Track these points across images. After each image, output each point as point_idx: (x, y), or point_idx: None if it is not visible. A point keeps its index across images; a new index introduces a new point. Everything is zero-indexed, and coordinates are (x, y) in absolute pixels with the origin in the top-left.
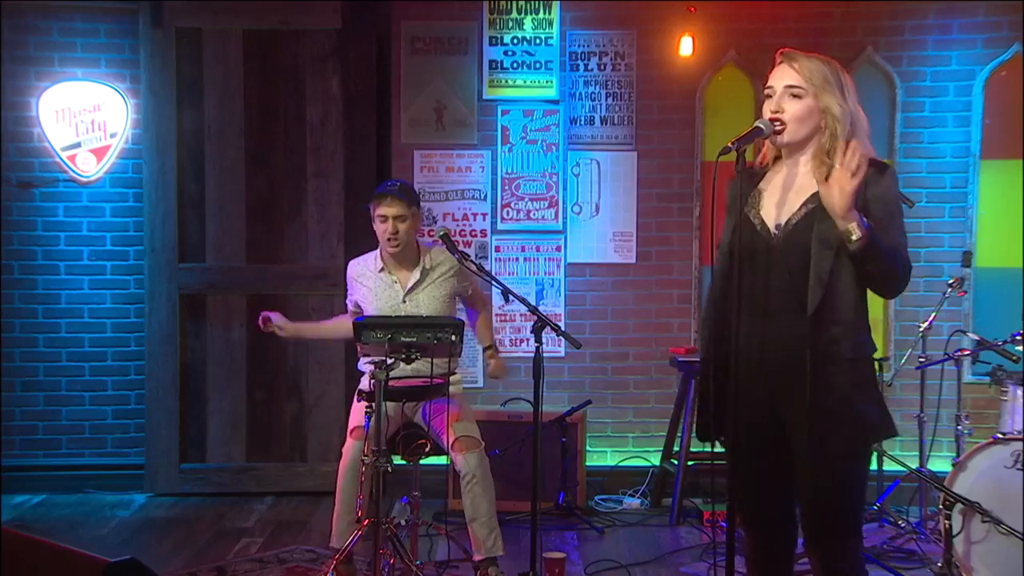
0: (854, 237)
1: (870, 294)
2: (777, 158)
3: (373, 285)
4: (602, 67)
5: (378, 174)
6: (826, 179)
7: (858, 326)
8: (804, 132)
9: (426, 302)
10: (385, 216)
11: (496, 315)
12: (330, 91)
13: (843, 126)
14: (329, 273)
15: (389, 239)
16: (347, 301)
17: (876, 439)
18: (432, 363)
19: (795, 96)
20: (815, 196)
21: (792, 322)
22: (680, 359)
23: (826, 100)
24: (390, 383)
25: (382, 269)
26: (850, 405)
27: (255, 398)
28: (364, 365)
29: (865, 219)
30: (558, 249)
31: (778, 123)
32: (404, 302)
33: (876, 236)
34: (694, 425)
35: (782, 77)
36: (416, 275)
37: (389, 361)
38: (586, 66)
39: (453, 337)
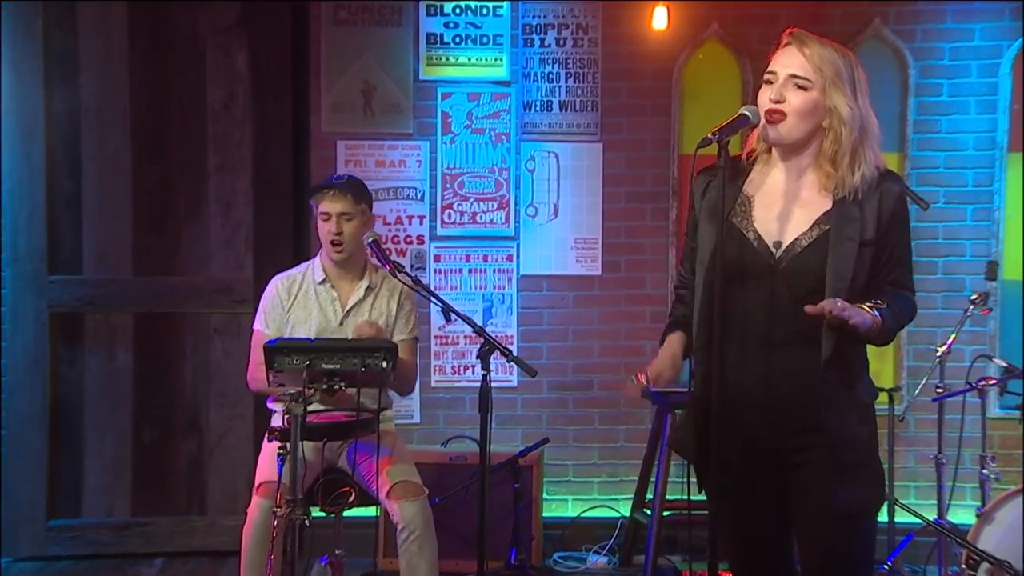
0: (873, 333)
1: None
2: (765, 153)
3: (308, 303)
4: (561, 42)
5: (295, 168)
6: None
7: (866, 364)
8: (804, 130)
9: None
10: (328, 214)
11: (435, 337)
12: (235, 68)
13: (850, 131)
14: (235, 287)
15: (332, 241)
16: (259, 328)
17: (884, 497)
18: (359, 395)
19: (800, 87)
20: (828, 216)
21: (802, 357)
22: (654, 389)
23: (835, 98)
24: (308, 419)
25: (323, 281)
26: (871, 458)
27: (143, 438)
28: (273, 404)
29: (878, 310)
30: (509, 259)
31: (776, 114)
32: (342, 324)
33: (889, 320)
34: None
35: (788, 63)
36: (359, 292)
37: (308, 393)
38: (542, 41)
39: (384, 364)
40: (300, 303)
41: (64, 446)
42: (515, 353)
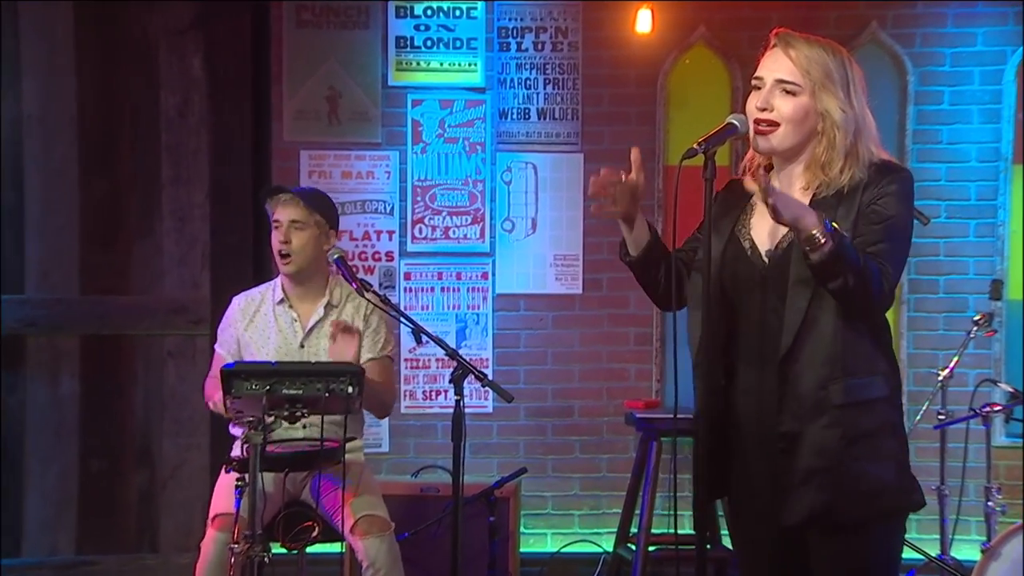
0: (811, 245)
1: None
2: (770, 166)
3: (267, 324)
4: (539, 46)
5: (255, 179)
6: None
7: (854, 366)
8: (797, 138)
9: (329, 349)
10: (279, 221)
11: (406, 360)
12: (191, 73)
13: (844, 135)
14: (191, 307)
15: (280, 252)
16: (218, 349)
17: (895, 509)
18: (323, 422)
19: (788, 92)
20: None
21: (805, 366)
22: (639, 415)
23: (825, 101)
24: (269, 448)
25: (282, 301)
26: (842, 464)
27: (91, 469)
28: (236, 429)
29: (831, 223)
30: (484, 276)
31: (764, 124)
32: (302, 347)
33: (843, 246)
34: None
35: (774, 67)
36: (319, 311)
37: (268, 420)
38: (519, 45)
39: (350, 388)
40: (258, 325)
41: (3, 479)
42: (490, 377)
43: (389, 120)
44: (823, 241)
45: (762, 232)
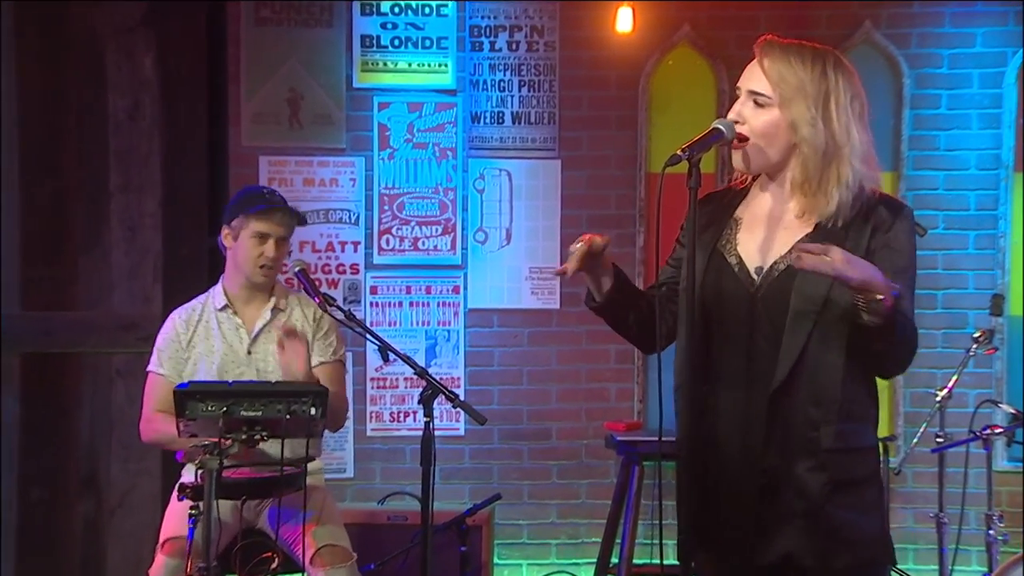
0: (872, 308)
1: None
2: (759, 176)
3: (211, 333)
4: (514, 46)
5: (211, 187)
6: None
7: (848, 410)
8: (770, 155)
9: (277, 356)
10: (266, 235)
11: (372, 380)
12: (141, 74)
13: (815, 153)
14: (141, 323)
15: (263, 265)
16: (153, 370)
17: (877, 562)
18: (283, 446)
19: (759, 105)
20: (809, 237)
21: (797, 403)
22: (620, 438)
23: (795, 113)
24: (225, 474)
25: (224, 307)
26: (826, 512)
27: (31, 497)
28: (184, 457)
29: (897, 290)
30: (456, 290)
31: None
32: (249, 354)
33: (901, 311)
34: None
35: (748, 79)
36: (265, 315)
37: (225, 444)
38: (492, 45)
39: (312, 410)
40: (201, 335)
41: None
42: (462, 398)
43: (354, 124)
44: (887, 306)
45: (750, 248)
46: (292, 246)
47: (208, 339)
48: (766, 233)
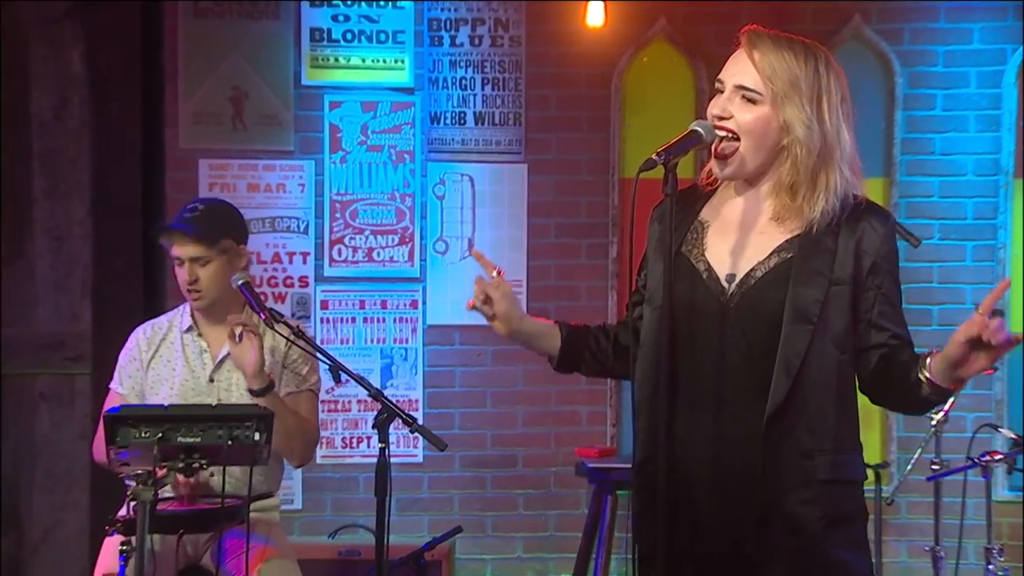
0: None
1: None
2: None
3: (173, 355)
4: (476, 41)
5: (145, 193)
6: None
7: (841, 439)
8: (761, 155)
9: (244, 384)
10: (179, 258)
11: (322, 402)
12: (69, 70)
13: (808, 154)
14: (68, 341)
15: (189, 290)
16: (114, 387)
17: None
18: (224, 475)
19: (748, 100)
20: (792, 243)
21: (754, 419)
22: (591, 465)
23: (788, 113)
24: (161, 507)
25: (190, 328)
26: (822, 549)
27: None
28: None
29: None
30: (414, 305)
31: (724, 132)
32: (212, 381)
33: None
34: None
35: (735, 71)
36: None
37: (160, 473)
38: (453, 39)
39: (257, 436)
40: (163, 356)
41: None
42: (420, 422)
43: (303, 125)
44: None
45: (720, 254)
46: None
47: (170, 361)
48: (738, 238)
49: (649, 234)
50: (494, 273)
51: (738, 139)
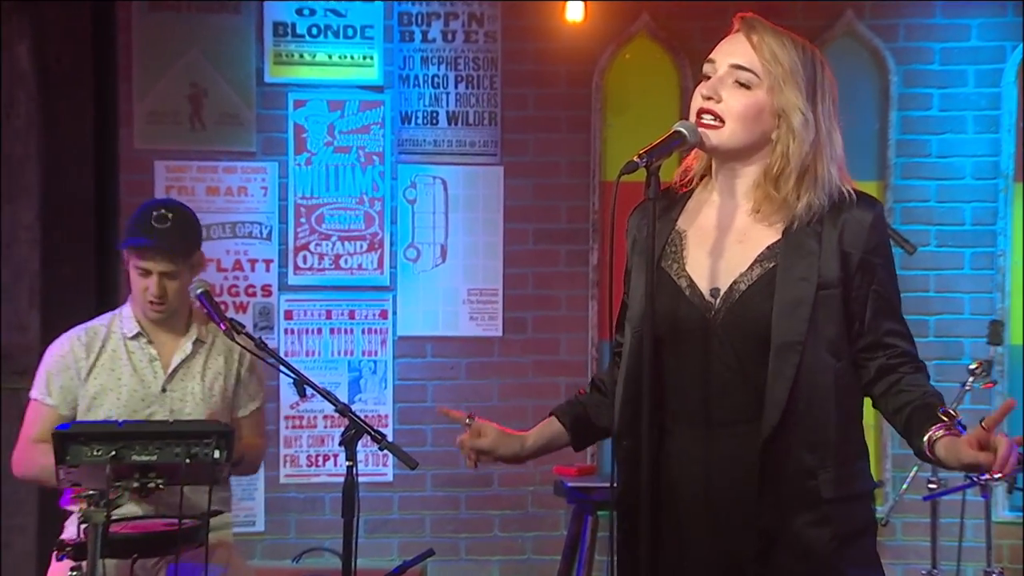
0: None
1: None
2: (705, 176)
3: (117, 363)
4: (449, 36)
5: (98, 196)
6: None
7: (845, 451)
8: (747, 139)
9: (199, 395)
10: (147, 271)
11: (286, 418)
12: (16, 66)
13: (800, 145)
14: (16, 354)
15: (152, 302)
16: (38, 397)
17: None
18: (182, 495)
19: (742, 84)
20: (774, 249)
21: (749, 439)
22: (570, 485)
23: (784, 100)
24: (113, 529)
25: (137, 335)
26: (837, 571)
27: None
28: (71, 503)
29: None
30: (383, 315)
31: (709, 116)
32: (164, 391)
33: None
34: None
35: (731, 51)
36: (185, 347)
37: (113, 494)
38: (425, 35)
39: (217, 453)
40: (105, 365)
41: None
42: (390, 439)
43: (266, 124)
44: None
45: (701, 266)
46: None
47: (114, 370)
48: (718, 248)
49: (628, 246)
50: (467, 421)
51: (722, 124)
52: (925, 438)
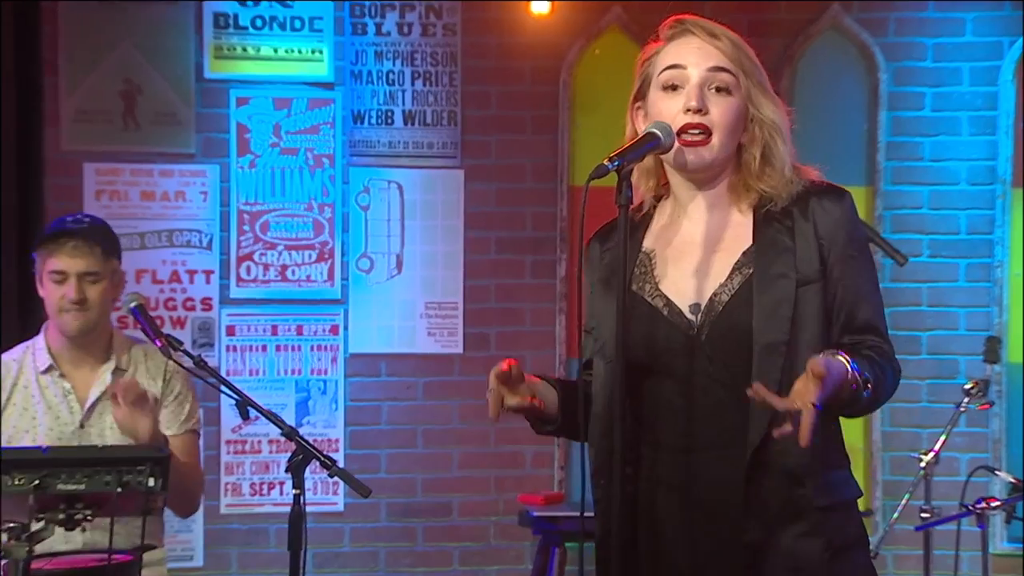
0: (856, 400)
1: None
2: (662, 196)
3: (30, 401)
4: (405, 29)
5: (22, 203)
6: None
7: (828, 455)
8: (731, 149)
9: (116, 418)
10: (63, 273)
11: (228, 443)
12: None
13: (783, 142)
14: None
15: (68, 310)
16: None
17: None
18: (112, 528)
19: (721, 91)
20: (749, 254)
21: (735, 463)
22: (536, 514)
23: (761, 102)
24: (36, 565)
25: (49, 368)
26: None
27: None
28: None
29: (855, 363)
30: (334, 331)
31: (696, 131)
32: (82, 427)
33: (879, 382)
34: None
35: (700, 55)
36: (103, 378)
37: (36, 526)
38: (379, 28)
39: (151, 481)
40: (18, 404)
41: None
42: (341, 464)
43: (206, 124)
44: (861, 389)
45: (676, 283)
46: (127, 277)
47: (27, 409)
48: (694, 263)
49: (587, 271)
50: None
51: (710, 136)
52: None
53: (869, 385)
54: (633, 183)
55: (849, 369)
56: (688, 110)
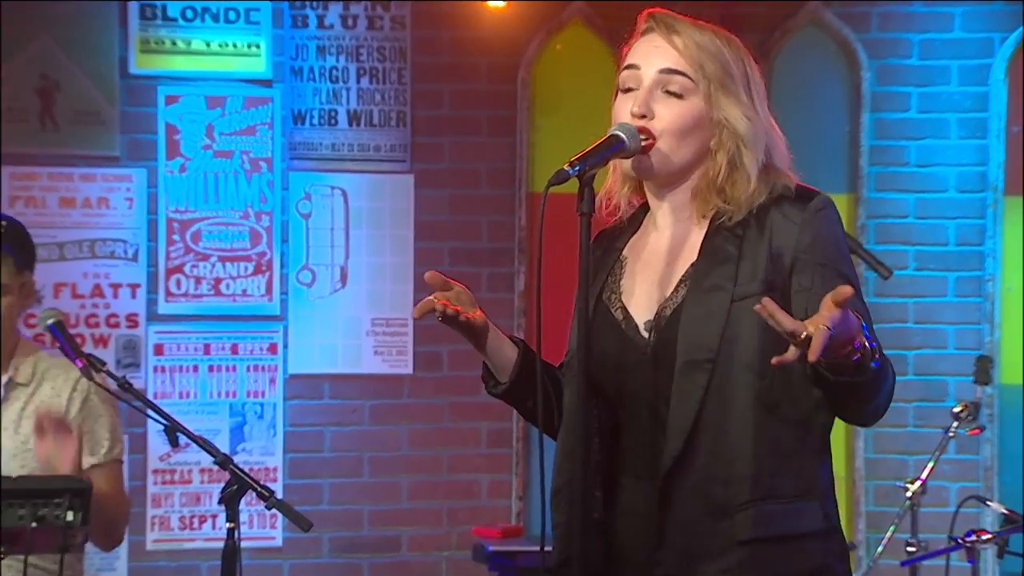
0: (864, 366)
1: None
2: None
3: None
4: (350, 22)
5: None
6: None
7: (774, 485)
8: (685, 156)
9: (12, 450)
10: None
11: (155, 472)
12: None
13: (754, 152)
14: None
15: None
16: None
17: None
18: (26, 566)
19: (672, 94)
20: (695, 265)
21: (698, 485)
22: (492, 549)
23: (725, 107)
24: None
25: None
26: None
27: None
28: None
29: (867, 328)
30: (272, 350)
31: (642, 135)
32: None
33: (883, 356)
34: None
35: (655, 55)
36: None
37: None
38: (321, 20)
39: (70, 515)
40: None
41: None
42: (280, 495)
43: (132, 124)
44: (870, 356)
45: (636, 297)
46: (43, 291)
47: None
48: (652, 274)
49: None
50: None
51: (654, 143)
52: None
53: (877, 356)
54: (608, 188)
55: (861, 330)
56: (635, 114)
